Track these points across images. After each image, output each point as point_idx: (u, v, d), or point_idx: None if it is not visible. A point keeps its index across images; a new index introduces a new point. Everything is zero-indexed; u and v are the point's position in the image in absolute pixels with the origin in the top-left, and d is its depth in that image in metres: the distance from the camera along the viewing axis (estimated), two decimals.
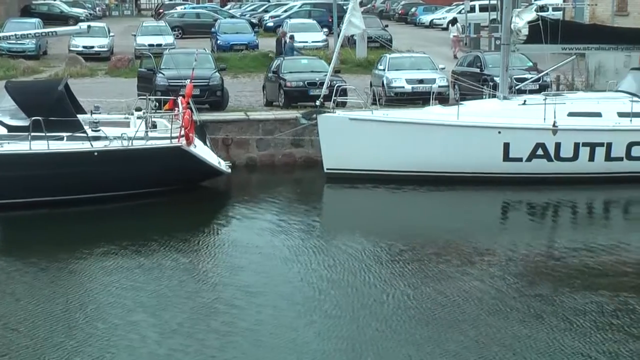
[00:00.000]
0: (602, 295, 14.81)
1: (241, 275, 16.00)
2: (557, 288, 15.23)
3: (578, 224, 21.09)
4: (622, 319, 13.78)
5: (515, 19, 24.16)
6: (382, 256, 17.18)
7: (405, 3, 68.33)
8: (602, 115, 23.26)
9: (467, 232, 19.19)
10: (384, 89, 29.27)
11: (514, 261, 17.01)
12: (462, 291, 14.99)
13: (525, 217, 21.57)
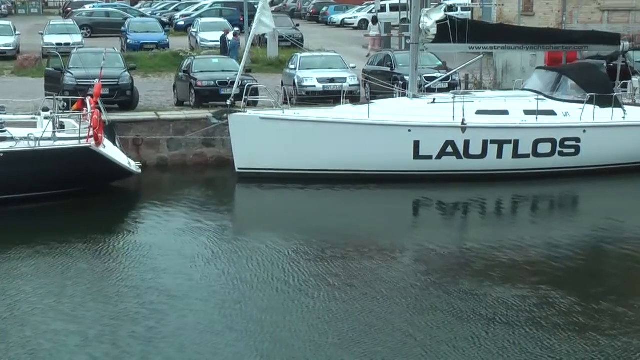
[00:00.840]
0: (521, 289, 15.10)
1: (160, 279, 15.77)
2: (475, 283, 15.45)
3: (488, 220, 21.41)
4: (544, 311, 14.05)
5: (424, 18, 24.44)
6: (298, 256, 17.16)
7: (316, 2, 68.53)
8: (509, 113, 23.70)
9: (380, 231, 19.37)
10: (295, 88, 29.32)
11: (429, 258, 17.22)
12: (382, 289, 15.10)
13: (436, 214, 21.88)
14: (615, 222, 20.10)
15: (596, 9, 38.54)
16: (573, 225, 20.48)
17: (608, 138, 23.98)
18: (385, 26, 45.74)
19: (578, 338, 13.00)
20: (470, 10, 46.48)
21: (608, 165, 24.00)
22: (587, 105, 23.72)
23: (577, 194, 23.64)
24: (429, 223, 20.89)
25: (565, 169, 23.78)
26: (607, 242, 18.55)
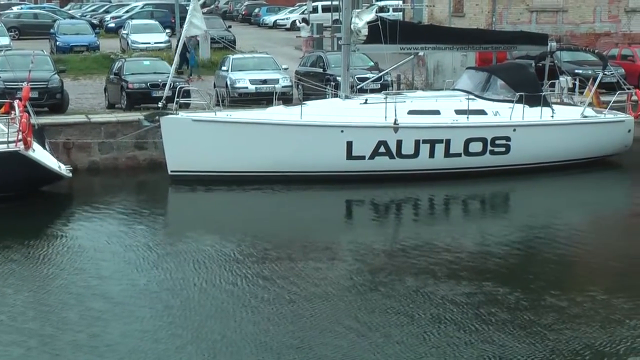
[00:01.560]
0: (464, 286, 15.31)
1: (103, 285, 15.50)
2: (419, 281, 15.59)
3: (422, 219, 21.54)
4: (490, 307, 14.23)
5: (355, 19, 24.55)
6: (239, 258, 17.09)
7: (248, 4, 68.42)
8: (441, 113, 23.93)
9: (317, 231, 19.40)
10: (228, 90, 29.24)
11: (369, 257, 17.32)
12: (329, 289, 15.13)
13: (370, 214, 22.00)
14: (546, 218, 20.50)
15: (525, 9, 39.02)
16: (505, 222, 20.85)
17: (537, 136, 24.39)
18: (318, 27, 45.83)
19: (525, 333, 13.18)
20: (402, 11, 46.76)
21: (537, 164, 24.40)
22: (516, 104, 24.09)
23: (508, 191, 23.98)
24: (363, 223, 20.94)
25: (496, 167, 24.08)
26: (540, 237, 18.85)
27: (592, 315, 13.92)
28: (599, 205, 22.56)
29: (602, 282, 15.72)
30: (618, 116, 25.92)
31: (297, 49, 43.49)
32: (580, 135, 25.00)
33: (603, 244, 18.64)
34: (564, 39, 37.97)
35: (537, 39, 27.66)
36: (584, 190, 23.93)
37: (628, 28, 40.31)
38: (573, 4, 39.51)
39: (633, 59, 33.90)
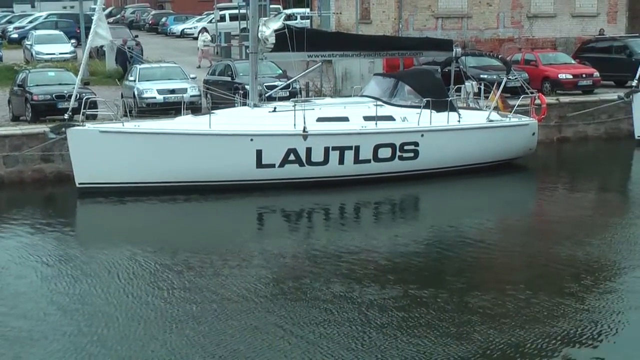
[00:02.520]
0: (388, 289, 15.38)
1: (18, 304, 14.97)
2: (334, 286, 15.60)
3: (334, 225, 21.50)
4: (414, 310, 14.35)
5: (262, 27, 24.54)
6: (152, 269, 16.86)
7: (155, 13, 67.89)
8: (350, 119, 24.08)
9: (229, 241, 19.19)
10: (135, 100, 28.92)
11: (281, 264, 17.31)
12: (242, 298, 15.03)
13: (282, 221, 21.98)
14: (456, 221, 20.78)
15: (430, 16, 39.61)
16: (417, 226, 21.08)
17: (445, 141, 24.73)
18: (226, 36, 45.74)
19: (453, 333, 13.35)
20: (309, 18, 46.98)
21: (445, 168, 24.76)
22: (423, 110, 24.37)
23: (417, 196, 24.26)
24: (276, 231, 20.84)
25: (406, 172, 24.34)
26: (452, 240, 19.10)
27: (515, 314, 14.16)
28: (506, 207, 22.99)
29: (518, 282, 15.96)
30: (522, 120, 26.46)
31: (204, 58, 43.25)
32: (487, 139, 25.44)
33: (512, 244, 18.97)
34: (469, 45, 38.77)
35: (443, 44, 28.07)
36: (492, 193, 24.37)
37: (530, 33, 41.30)
38: (477, 10, 40.28)
39: (536, 63, 34.75)
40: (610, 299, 14.98)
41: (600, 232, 19.46)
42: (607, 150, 31.13)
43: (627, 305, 14.64)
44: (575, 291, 15.32)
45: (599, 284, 15.82)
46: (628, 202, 23.84)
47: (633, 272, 16.54)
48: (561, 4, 41.88)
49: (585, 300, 14.85)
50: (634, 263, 17.10)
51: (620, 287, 15.69)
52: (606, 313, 14.28)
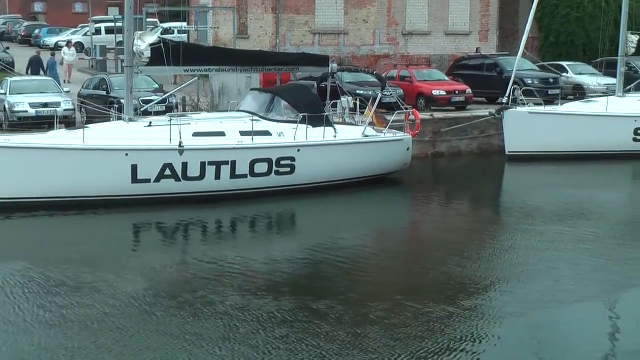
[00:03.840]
0: (280, 301, 15.43)
1: None
2: (218, 300, 15.50)
3: (211, 240, 21.37)
4: (311, 322, 14.40)
5: (138, 41, 24.26)
6: (18, 286, 16.29)
7: (28, 25, 66.33)
8: (226, 134, 24.03)
9: (105, 257, 18.82)
10: (6, 114, 28.24)
11: (159, 280, 17.05)
12: (116, 312, 14.80)
13: (159, 237, 21.65)
14: (333, 235, 20.94)
15: (308, 32, 39.95)
16: (294, 240, 21.14)
17: (321, 156, 24.92)
18: (101, 49, 45.04)
19: (353, 345, 13.44)
20: (186, 33, 46.73)
21: (322, 183, 24.96)
22: (300, 125, 24.52)
23: (294, 211, 24.33)
24: (153, 246, 20.47)
25: (282, 187, 24.43)
26: (329, 253, 19.11)
27: (410, 323, 14.39)
28: (382, 221, 23.28)
29: (402, 292, 16.23)
30: (397, 135, 26.91)
31: (80, 72, 42.50)
32: (362, 154, 25.76)
33: (390, 257, 19.26)
34: (346, 61, 39.26)
35: (319, 60, 28.32)
36: (367, 208, 24.65)
37: (406, 50, 42.11)
38: (354, 27, 40.83)
39: (411, 80, 35.40)
40: (487, 307, 15.37)
41: (474, 245, 19.96)
42: (479, 165, 31.96)
43: (504, 312, 15.09)
44: (455, 300, 15.62)
45: (476, 294, 16.16)
46: (500, 215, 24.52)
47: (505, 282, 17.01)
48: (435, 23, 42.86)
49: (465, 308, 15.16)
50: (506, 274, 17.63)
51: (495, 296, 16.12)
52: (486, 320, 14.67)
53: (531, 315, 14.94)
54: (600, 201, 25.28)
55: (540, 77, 37.06)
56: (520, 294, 16.10)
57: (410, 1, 42.06)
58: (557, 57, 44.17)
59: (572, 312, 15.35)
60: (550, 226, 21.52)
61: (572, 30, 45.35)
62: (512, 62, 33.38)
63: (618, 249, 19.42)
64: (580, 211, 23.40)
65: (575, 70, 40.33)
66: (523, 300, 15.67)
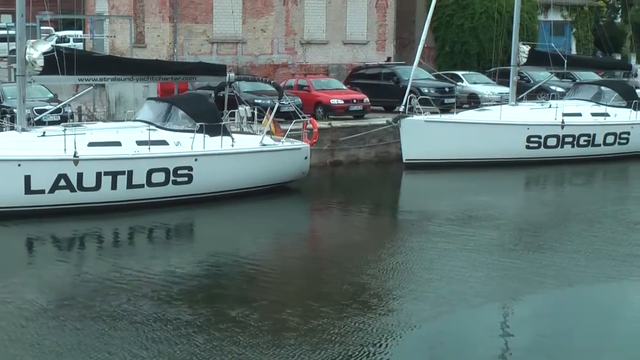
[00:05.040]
0: (175, 309, 15.39)
1: None
2: (113, 310, 15.33)
3: (108, 251, 20.91)
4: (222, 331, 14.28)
5: (30, 50, 23.80)
6: None
7: None
8: (122, 144, 23.74)
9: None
10: None
11: (52, 293, 16.72)
12: (13, 327, 14.52)
13: (54, 249, 21.23)
14: (232, 245, 20.89)
15: (205, 41, 39.79)
16: (193, 250, 21.01)
17: (218, 166, 24.84)
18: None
19: (270, 351, 13.50)
20: (82, 41, 46.03)
21: (220, 192, 24.88)
22: (197, 134, 24.41)
23: (192, 220, 24.16)
24: (47, 258, 20.00)
25: (180, 197, 24.26)
26: (229, 262, 19.20)
27: (327, 329, 14.55)
28: (280, 230, 23.30)
29: (317, 298, 16.36)
30: (295, 144, 27.00)
31: None
32: (260, 163, 25.77)
33: (295, 264, 19.41)
34: (244, 70, 39.22)
35: (216, 69, 28.18)
36: (266, 217, 24.62)
37: (304, 59, 42.31)
38: (252, 36, 40.86)
39: (308, 88, 35.58)
40: (399, 311, 15.67)
41: (376, 251, 20.16)
42: (377, 173, 32.30)
43: (417, 316, 15.37)
44: (368, 306, 15.87)
45: (387, 299, 16.45)
46: (399, 221, 24.84)
47: (413, 286, 17.30)
48: (333, 32, 43.20)
49: (379, 314, 15.42)
50: (412, 278, 17.99)
51: (405, 300, 16.41)
52: (401, 325, 14.93)
53: (441, 318, 15.33)
54: (496, 207, 25.84)
55: (436, 86, 37.71)
56: (431, 297, 16.41)
57: (308, 11, 42.32)
58: (452, 67, 45.04)
59: (478, 313, 15.73)
60: (449, 231, 21.96)
61: (466, 40, 46.29)
62: (409, 71, 33.83)
63: (514, 253, 19.88)
64: (477, 217, 23.86)
65: (469, 79, 41.20)
66: (434, 304, 16.00)
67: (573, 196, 29.03)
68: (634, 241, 20.99)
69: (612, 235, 21.71)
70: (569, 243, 20.69)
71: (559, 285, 17.35)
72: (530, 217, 24.73)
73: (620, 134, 34.17)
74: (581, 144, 33.40)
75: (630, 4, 55.27)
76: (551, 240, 21.11)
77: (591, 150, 33.62)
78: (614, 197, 27.87)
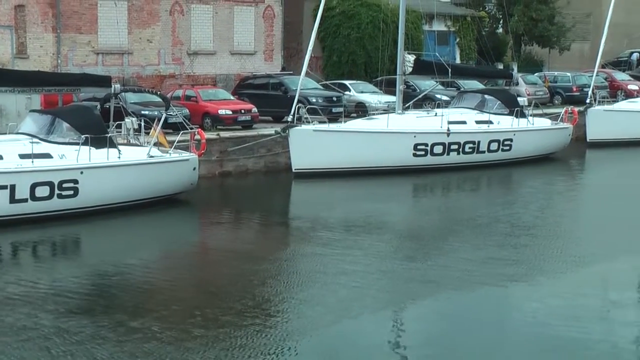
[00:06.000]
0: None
1: None
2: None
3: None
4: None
5: None
6: None
7: None
8: (4, 157, 23.11)
9: None
10: None
11: None
12: None
13: None
14: (120, 257, 20.49)
15: (90, 52, 39.14)
16: (79, 264, 20.53)
17: (105, 178, 24.41)
18: None
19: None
20: None
21: (108, 205, 24.43)
22: (82, 146, 23.95)
23: (78, 234, 23.66)
24: None
25: (66, 211, 23.73)
26: (116, 276, 18.81)
27: (228, 337, 14.54)
28: (169, 242, 23.00)
29: (216, 307, 16.32)
30: (183, 155, 26.77)
31: None
32: (148, 174, 25.45)
33: (179, 277, 19.01)
34: (131, 81, 38.73)
35: (101, 81, 27.72)
36: (155, 229, 24.38)
37: (191, 70, 42.07)
38: (138, 46, 40.40)
39: (196, 99, 35.37)
40: (283, 324, 15.52)
41: (268, 261, 20.04)
42: (267, 183, 32.30)
43: (316, 323, 15.44)
44: (267, 313, 15.98)
45: (273, 309, 16.35)
46: (289, 230, 24.80)
47: (297, 296, 17.31)
48: (220, 42, 43.07)
49: (262, 325, 15.32)
50: (308, 285, 18.04)
51: (303, 308, 16.41)
52: (286, 334, 14.87)
53: (337, 325, 15.39)
54: (386, 214, 26.11)
55: (323, 96, 37.96)
56: (325, 304, 16.47)
57: (194, 21, 42.09)
58: (340, 76, 45.43)
59: (372, 318, 15.82)
60: (340, 239, 22.13)
61: (353, 50, 46.74)
62: (296, 81, 33.96)
63: (405, 259, 20.15)
64: (367, 224, 24.09)
65: (357, 88, 41.63)
66: (328, 310, 16.07)
67: (460, 202, 29.54)
68: (520, 245, 21.49)
69: (499, 239, 22.16)
70: (458, 248, 21.03)
71: (449, 289, 17.59)
72: (419, 223, 25.08)
73: (504, 140, 35.01)
74: (466, 151, 34.09)
75: (511, 14, 56.67)
76: (440, 246, 21.46)
77: (476, 157, 34.37)
78: (500, 202, 28.46)
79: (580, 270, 19.38)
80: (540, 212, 26.63)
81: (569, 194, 31.52)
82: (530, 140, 36.00)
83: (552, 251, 21.07)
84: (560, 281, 18.37)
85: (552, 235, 23.03)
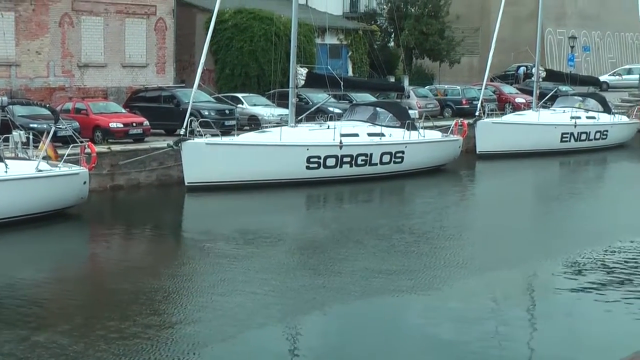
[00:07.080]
0: None
1: None
2: None
3: None
4: None
5: None
6: None
7: None
8: None
9: None
10: None
11: None
12: None
13: None
14: (8, 274, 19.91)
15: None
16: None
17: None
18: None
19: None
20: None
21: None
22: None
23: None
24: None
25: None
26: (14, 289, 18.56)
27: (134, 348, 14.51)
28: (59, 257, 22.58)
29: (120, 320, 15.99)
30: (73, 169, 26.32)
31: None
32: (37, 189, 24.94)
33: (68, 293, 18.76)
34: (19, 93, 37.89)
35: None
36: (45, 244, 23.88)
37: (82, 82, 41.42)
38: (26, 58, 39.61)
39: (87, 112, 34.83)
40: (175, 341, 15.32)
41: (158, 276, 19.77)
42: (160, 196, 31.98)
43: (191, 342, 15.20)
44: (172, 324, 16.04)
45: (167, 324, 16.21)
46: (182, 245, 24.66)
47: (190, 311, 17.17)
48: (111, 54, 42.53)
49: (158, 338, 15.22)
50: (191, 304, 17.79)
51: (182, 327, 16.12)
52: (180, 350, 14.73)
53: (230, 339, 15.38)
54: (279, 226, 26.28)
55: (216, 109, 37.86)
56: (219, 318, 16.42)
57: (85, 33, 41.44)
58: (233, 89, 45.36)
59: (266, 332, 15.87)
60: (234, 252, 22.08)
61: (246, 63, 46.71)
62: (189, 94, 33.78)
63: (298, 272, 20.23)
64: (260, 237, 24.12)
65: (250, 101, 41.64)
66: (222, 324, 16.05)
67: (352, 214, 29.80)
68: (410, 255, 21.82)
69: (391, 249, 22.47)
70: (351, 260, 21.18)
71: (342, 301, 17.74)
72: (312, 235, 25.18)
73: (396, 153, 35.49)
74: (359, 164, 34.43)
75: (402, 28, 57.54)
76: (333, 258, 21.54)
77: (369, 169, 34.75)
78: (394, 213, 28.87)
79: (474, 277, 19.91)
80: (434, 221, 27.05)
81: (462, 203, 32.22)
82: (422, 152, 36.61)
83: (446, 259, 21.52)
84: (454, 289, 18.86)
85: (445, 244, 23.49)
